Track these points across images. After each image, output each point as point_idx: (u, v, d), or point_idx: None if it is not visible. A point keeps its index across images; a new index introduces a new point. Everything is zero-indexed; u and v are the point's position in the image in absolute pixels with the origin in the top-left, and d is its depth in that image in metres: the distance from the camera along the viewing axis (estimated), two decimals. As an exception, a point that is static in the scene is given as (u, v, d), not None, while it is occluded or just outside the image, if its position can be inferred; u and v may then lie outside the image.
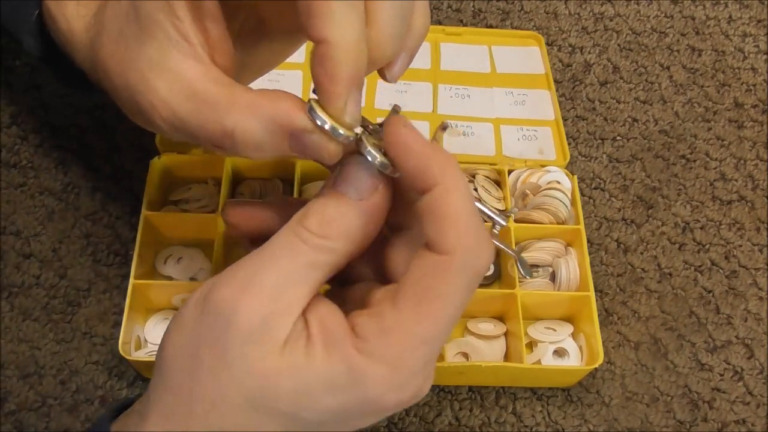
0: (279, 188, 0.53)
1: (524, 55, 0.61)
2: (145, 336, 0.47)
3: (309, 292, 0.26)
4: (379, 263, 0.30)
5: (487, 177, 0.53)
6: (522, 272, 0.33)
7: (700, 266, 0.54)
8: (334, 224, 0.27)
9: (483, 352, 0.48)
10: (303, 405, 0.26)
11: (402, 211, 0.30)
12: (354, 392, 0.26)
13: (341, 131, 0.27)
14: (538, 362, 0.47)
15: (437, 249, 0.26)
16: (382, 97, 0.57)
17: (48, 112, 0.56)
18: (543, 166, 0.54)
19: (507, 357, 0.48)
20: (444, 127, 0.29)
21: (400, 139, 0.26)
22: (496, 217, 0.30)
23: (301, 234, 0.26)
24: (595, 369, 0.47)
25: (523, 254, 0.50)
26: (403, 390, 0.26)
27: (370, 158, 0.27)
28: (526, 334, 0.49)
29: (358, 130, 0.28)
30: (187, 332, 0.27)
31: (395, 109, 0.29)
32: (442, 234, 0.26)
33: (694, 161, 0.59)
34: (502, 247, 0.31)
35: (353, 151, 0.28)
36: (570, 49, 0.65)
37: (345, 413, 0.26)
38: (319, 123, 0.27)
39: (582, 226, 0.50)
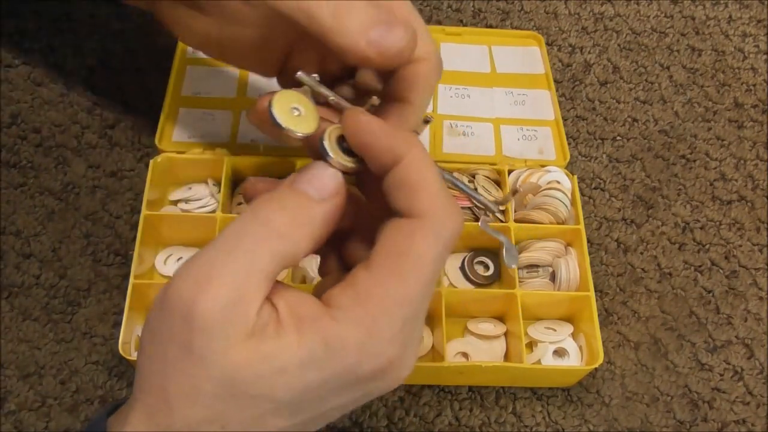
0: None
1: (524, 55, 0.61)
2: (145, 336, 0.47)
3: (267, 280, 0.26)
4: None
5: (487, 177, 0.53)
6: (506, 259, 0.32)
7: (700, 266, 0.54)
8: (295, 217, 0.27)
9: (483, 352, 0.48)
10: (279, 385, 0.25)
11: None
12: (330, 363, 0.26)
13: (345, 163, 0.29)
14: (538, 362, 0.47)
15: (410, 215, 0.27)
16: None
17: (48, 111, 0.56)
18: (543, 166, 0.54)
19: (507, 357, 0.48)
20: (426, 121, 0.30)
21: (362, 126, 0.28)
22: (490, 205, 0.31)
23: (260, 221, 0.27)
24: (595, 369, 0.47)
25: (524, 254, 0.50)
26: (379, 357, 0.26)
27: (330, 161, 0.28)
28: (526, 334, 0.49)
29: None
30: (153, 333, 0.27)
31: (426, 120, 0.32)
32: (413, 200, 0.27)
33: (694, 161, 0.59)
34: (490, 232, 0.31)
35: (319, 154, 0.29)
36: (570, 49, 0.65)
37: (323, 388, 0.26)
38: (329, 154, 0.28)
39: (582, 226, 0.50)
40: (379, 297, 0.26)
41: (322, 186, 0.28)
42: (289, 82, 0.41)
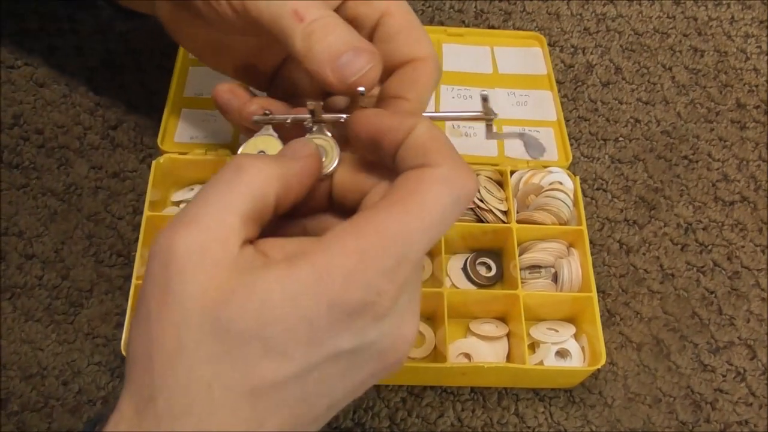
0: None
1: (526, 55, 0.61)
2: (147, 337, 0.47)
3: (244, 221, 0.26)
4: None
5: (490, 178, 0.53)
6: (530, 153, 0.35)
7: (702, 267, 0.54)
8: (266, 161, 0.28)
9: (485, 353, 0.48)
10: (267, 319, 0.24)
11: None
12: (318, 290, 0.24)
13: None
14: (541, 363, 0.47)
15: (426, 166, 0.27)
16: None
17: (50, 112, 0.56)
18: (545, 166, 0.53)
19: (509, 358, 0.48)
20: (361, 93, 0.33)
21: (370, 115, 0.30)
22: (478, 114, 0.34)
23: (232, 167, 0.27)
24: (598, 370, 0.47)
25: (525, 255, 0.50)
26: (368, 288, 0.25)
27: (313, 127, 0.32)
28: (529, 335, 0.48)
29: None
30: (139, 298, 0.26)
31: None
32: (430, 157, 0.27)
33: (697, 162, 0.59)
34: (503, 136, 0.34)
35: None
36: (572, 49, 0.65)
37: (315, 323, 0.24)
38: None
39: (584, 227, 0.50)
40: (374, 229, 0.25)
41: (295, 150, 0.30)
42: (279, 94, 0.41)
